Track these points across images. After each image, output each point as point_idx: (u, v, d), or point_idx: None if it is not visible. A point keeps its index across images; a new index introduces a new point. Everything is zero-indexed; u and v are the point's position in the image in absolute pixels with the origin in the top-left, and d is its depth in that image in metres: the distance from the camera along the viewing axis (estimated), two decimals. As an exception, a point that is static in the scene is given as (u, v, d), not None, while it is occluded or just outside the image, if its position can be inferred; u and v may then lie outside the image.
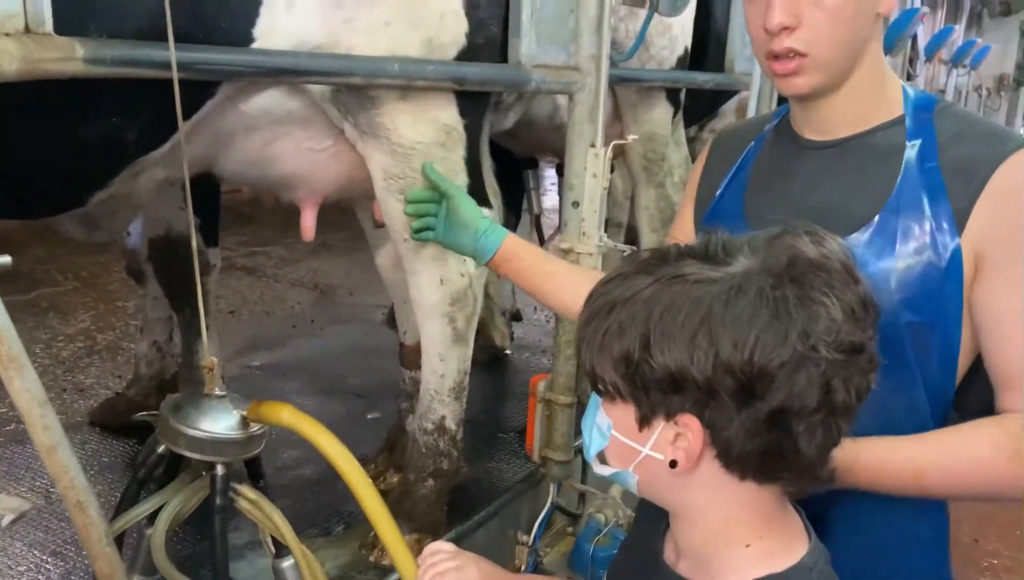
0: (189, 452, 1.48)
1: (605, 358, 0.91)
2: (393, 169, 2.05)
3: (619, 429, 0.95)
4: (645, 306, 0.88)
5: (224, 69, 1.62)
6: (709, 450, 0.90)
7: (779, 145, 1.30)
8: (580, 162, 2.22)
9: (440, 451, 2.33)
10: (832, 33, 1.15)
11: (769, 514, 0.95)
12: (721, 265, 0.89)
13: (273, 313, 4.52)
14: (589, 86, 2.17)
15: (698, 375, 0.85)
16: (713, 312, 0.85)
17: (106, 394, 3.26)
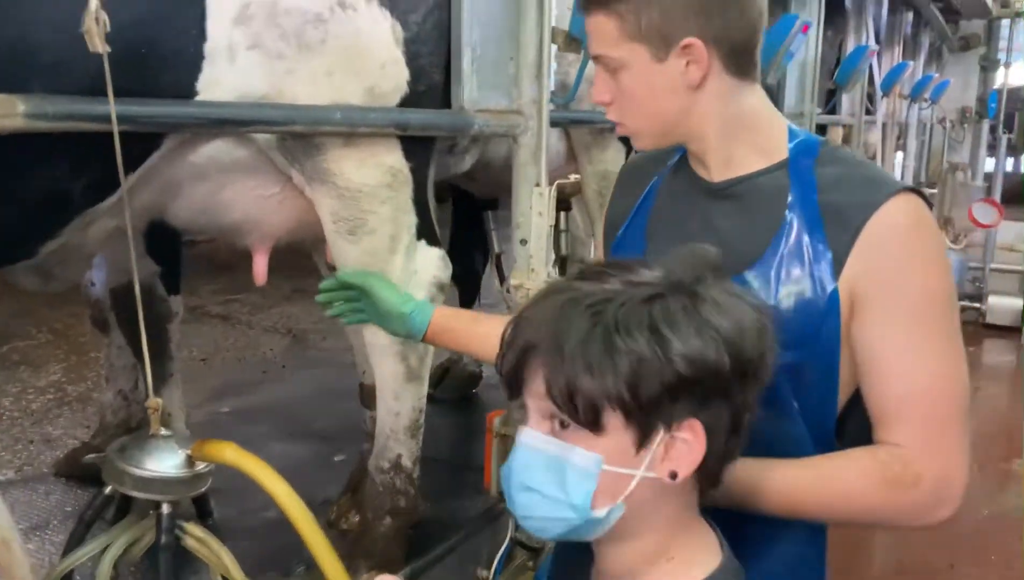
0: (134, 491, 1.52)
1: (602, 377, 0.86)
2: (342, 212, 2.11)
3: (612, 461, 0.90)
4: (633, 308, 0.88)
5: (166, 121, 1.69)
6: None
7: (679, 180, 1.35)
8: (526, 201, 2.29)
9: (397, 489, 2.36)
10: (633, 109, 1.23)
11: (688, 525, 0.97)
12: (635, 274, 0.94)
13: (244, 359, 4.56)
14: (531, 128, 2.25)
15: (714, 361, 0.87)
16: (697, 308, 0.90)
17: (74, 444, 3.28)
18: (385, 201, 2.12)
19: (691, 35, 1.16)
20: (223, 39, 1.81)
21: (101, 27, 1.48)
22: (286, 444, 3.36)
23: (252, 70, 1.85)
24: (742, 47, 1.20)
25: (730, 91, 1.22)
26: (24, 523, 2.67)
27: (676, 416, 0.88)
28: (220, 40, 1.80)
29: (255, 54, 1.85)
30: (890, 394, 1.14)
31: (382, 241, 2.16)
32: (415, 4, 2.07)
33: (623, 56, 1.19)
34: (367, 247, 2.14)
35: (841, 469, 1.15)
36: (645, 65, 1.18)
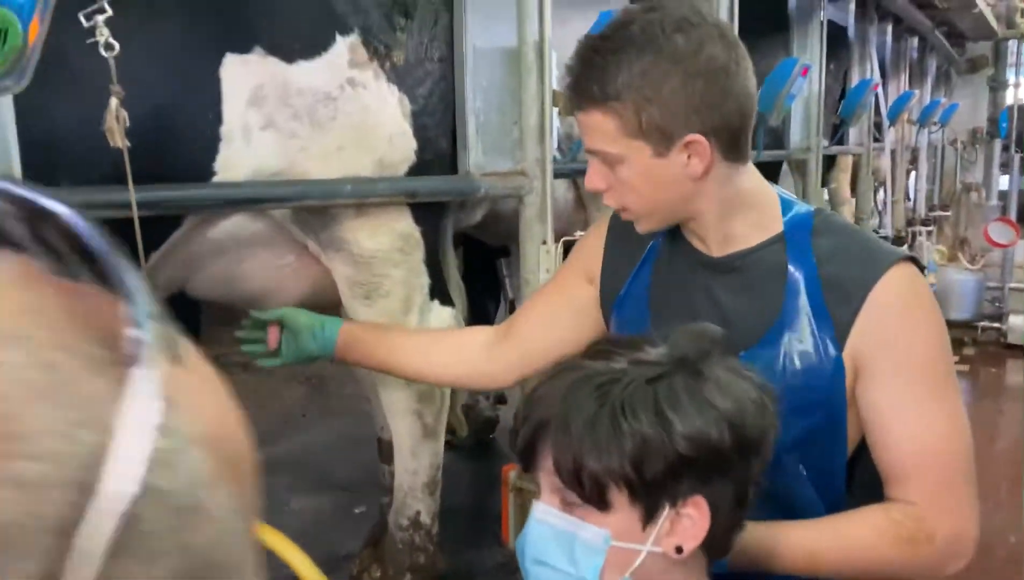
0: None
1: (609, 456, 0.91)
2: (356, 277, 2.17)
3: (619, 536, 0.94)
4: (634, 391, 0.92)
5: (184, 204, 1.76)
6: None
7: (678, 251, 1.40)
8: (533, 258, 2.34)
9: (416, 546, 2.40)
10: (633, 199, 1.27)
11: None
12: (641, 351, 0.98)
13: (265, 407, 4.62)
14: (536, 189, 2.31)
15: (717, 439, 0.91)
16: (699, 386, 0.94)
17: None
18: (398, 265, 2.18)
19: (692, 131, 1.19)
20: (238, 120, 1.88)
21: (121, 124, 1.56)
22: (307, 497, 3.41)
23: (266, 149, 1.92)
24: (739, 133, 1.25)
25: (728, 175, 1.27)
26: None
27: (681, 493, 0.92)
28: (235, 122, 1.88)
29: (269, 134, 1.92)
30: (899, 454, 1.19)
31: (396, 303, 2.22)
32: (422, 78, 2.14)
33: (622, 152, 1.22)
34: (382, 309, 2.20)
35: (857, 527, 1.19)
36: (646, 160, 1.22)
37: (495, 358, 1.70)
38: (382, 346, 1.81)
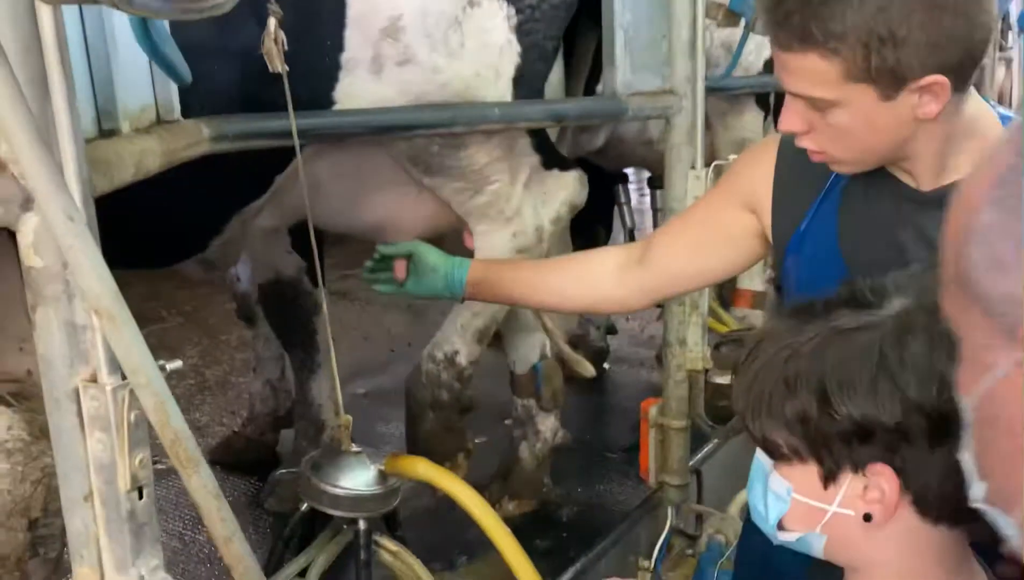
0: (333, 510, 1.53)
1: (776, 420, 0.89)
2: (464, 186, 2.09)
3: (800, 490, 0.91)
4: (811, 361, 0.87)
5: (336, 131, 1.67)
6: (904, 496, 0.87)
7: (875, 184, 1.26)
8: (680, 185, 2.20)
9: (442, 381, 2.35)
10: (844, 144, 1.15)
11: (955, 566, 0.91)
12: (875, 308, 0.89)
13: (371, 337, 4.61)
14: (686, 108, 2.15)
15: (888, 420, 0.84)
16: (887, 356, 0.84)
17: (222, 431, 3.38)
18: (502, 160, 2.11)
19: (931, 71, 1.06)
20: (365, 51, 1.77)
21: (280, 47, 1.47)
22: (426, 427, 3.38)
23: (397, 80, 1.80)
24: (976, 64, 1.11)
25: (955, 108, 1.13)
26: (190, 512, 2.77)
27: (863, 459, 0.87)
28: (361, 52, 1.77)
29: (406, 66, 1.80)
30: None
31: (502, 186, 2.14)
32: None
33: (840, 97, 1.10)
34: (489, 196, 2.13)
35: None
36: (869, 104, 1.10)
37: (627, 283, 1.60)
38: (507, 283, 1.72)
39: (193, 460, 0.97)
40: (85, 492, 1.00)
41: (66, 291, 0.95)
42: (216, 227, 1.98)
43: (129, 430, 0.98)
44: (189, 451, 0.97)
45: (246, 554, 1.02)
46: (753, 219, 1.43)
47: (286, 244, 2.68)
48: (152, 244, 1.85)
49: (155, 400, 0.94)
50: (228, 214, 1.96)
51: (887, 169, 1.24)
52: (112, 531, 1.00)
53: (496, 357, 4.13)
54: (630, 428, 3.25)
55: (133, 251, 1.76)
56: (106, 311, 0.90)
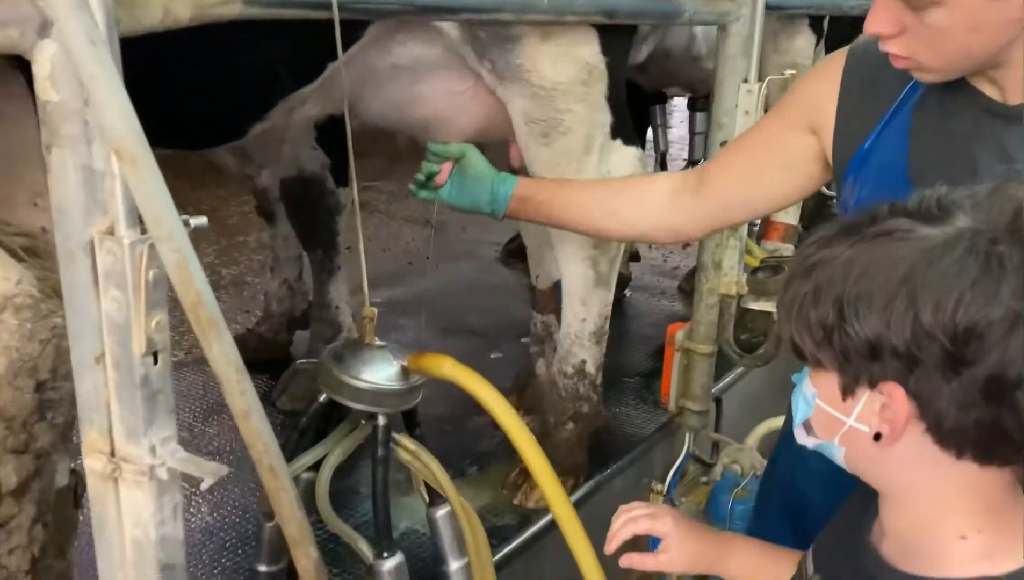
0: (352, 402, 1.47)
1: (803, 326, 0.86)
2: (535, 112, 1.97)
3: (823, 398, 0.89)
4: (843, 268, 0.82)
5: (377, 8, 1.56)
6: (918, 423, 0.82)
7: (953, 98, 1.15)
8: (731, 98, 2.09)
9: (580, 395, 2.30)
10: (940, 48, 1.06)
11: (993, 504, 0.85)
12: (936, 222, 0.80)
13: (389, 249, 4.54)
14: (745, 16, 2.03)
15: (896, 341, 0.78)
16: (915, 271, 0.77)
17: (235, 329, 3.33)
18: (580, 99, 1.97)
19: None
20: None
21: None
22: (442, 339, 3.33)
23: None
24: None
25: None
26: (202, 405, 2.75)
27: (877, 377, 0.82)
28: None
29: None
30: None
31: (576, 142, 2.02)
32: None
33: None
34: (561, 148, 2.00)
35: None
36: (978, 4, 1.01)
37: (682, 209, 1.55)
38: (557, 202, 1.68)
39: (215, 325, 0.90)
40: (97, 353, 0.93)
41: (85, 132, 0.86)
42: (259, 112, 1.87)
43: (147, 289, 0.91)
44: (211, 315, 0.90)
45: (265, 431, 0.96)
46: (814, 141, 1.34)
47: (311, 139, 2.58)
48: (187, 121, 1.73)
49: (177, 257, 0.87)
50: (274, 98, 1.85)
51: (968, 80, 1.14)
52: (123, 396, 0.93)
53: (513, 274, 4.08)
54: (648, 355, 3.20)
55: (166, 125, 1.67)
56: (128, 153, 0.81)
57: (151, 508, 0.96)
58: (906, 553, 0.90)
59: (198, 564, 2.02)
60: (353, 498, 2.18)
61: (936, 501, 0.86)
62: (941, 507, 0.86)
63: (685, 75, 2.95)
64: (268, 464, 0.97)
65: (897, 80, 1.22)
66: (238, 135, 1.89)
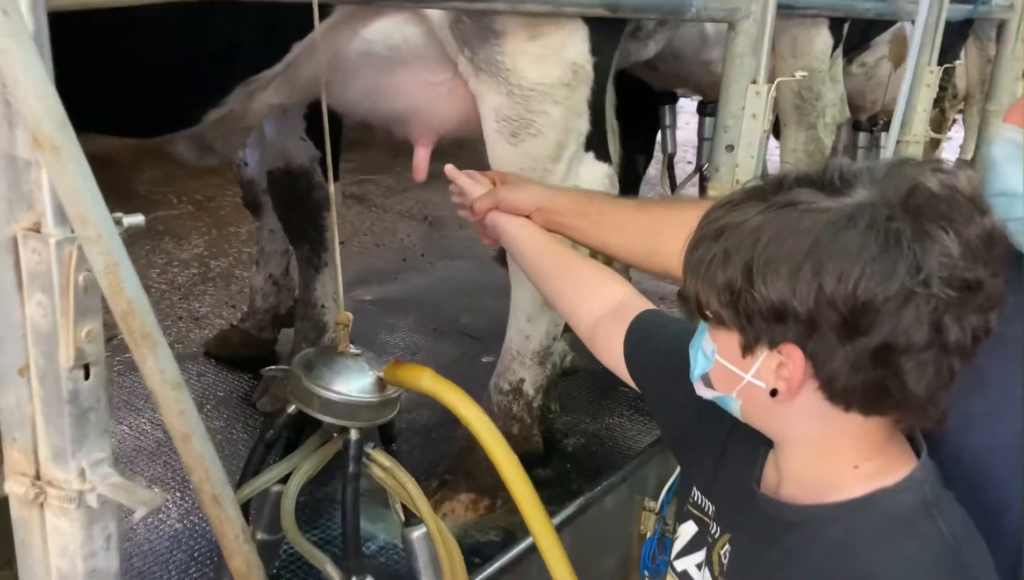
0: (323, 415, 1.37)
1: (709, 286, 0.90)
2: (506, 111, 1.86)
3: (723, 354, 0.94)
4: (752, 234, 0.87)
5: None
6: (812, 381, 0.89)
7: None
8: (738, 101, 1.98)
9: (512, 414, 2.20)
10: None
11: (877, 443, 0.93)
12: (837, 194, 0.86)
13: (383, 245, 4.44)
14: (755, 14, 1.92)
15: (800, 308, 0.84)
16: (820, 242, 0.83)
17: (220, 324, 3.24)
18: (559, 102, 1.86)
19: None
20: None
21: None
22: (433, 340, 3.24)
23: None
24: None
25: None
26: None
27: (778, 338, 0.88)
28: None
29: None
30: None
31: (545, 147, 1.91)
32: None
33: None
34: (528, 151, 1.89)
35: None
36: None
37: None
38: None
39: (149, 338, 0.79)
40: (20, 364, 0.83)
41: (7, 114, 0.76)
42: (215, 96, 1.73)
43: (76, 294, 0.80)
44: (145, 327, 0.79)
45: (208, 454, 0.85)
46: None
47: (300, 129, 2.48)
48: (134, 106, 1.61)
49: (106, 260, 0.76)
50: (231, 82, 1.72)
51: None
52: (50, 413, 0.83)
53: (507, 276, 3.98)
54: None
55: (112, 112, 1.55)
56: (47, 140, 0.71)
57: (79, 538, 0.85)
58: (806, 489, 0.96)
59: (165, 576, 1.92)
60: (330, 508, 2.08)
61: (828, 446, 0.94)
62: (833, 449, 0.94)
63: (695, 77, 2.84)
64: (211, 493, 0.86)
65: None
66: (192, 122, 1.76)
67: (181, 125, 1.82)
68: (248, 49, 1.66)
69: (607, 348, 1.33)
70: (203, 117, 1.77)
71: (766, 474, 1.03)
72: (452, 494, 2.14)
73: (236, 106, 1.79)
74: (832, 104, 3.00)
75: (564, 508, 2.09)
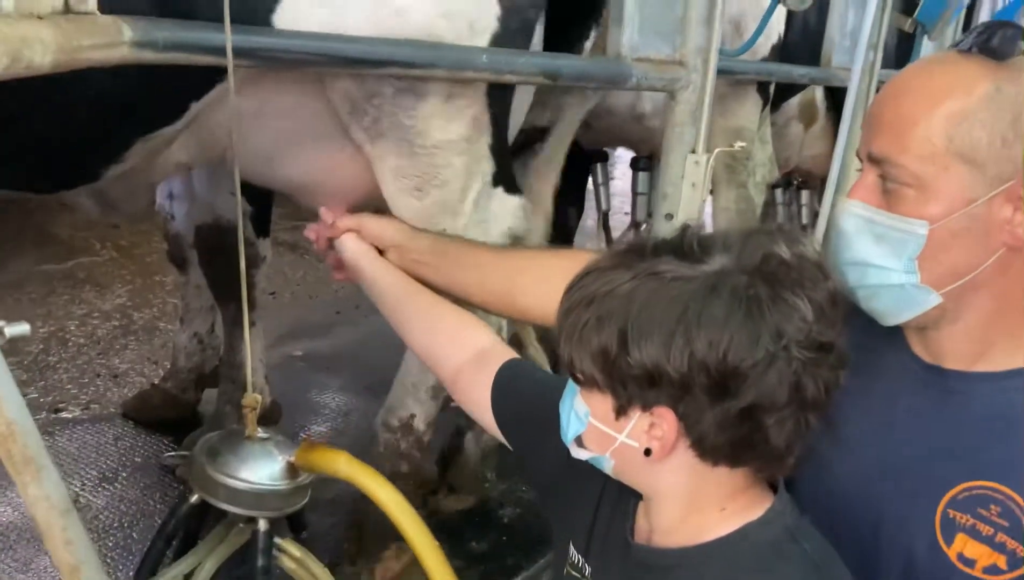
0: (228, 506, 1.28)
1: (583, 351, 0.94)
2: (409, 169, 1.79)
3: (596, 416, 0.98)
4: (623, 302, 0.91)
5: (290, 57, 1.39)
6: (683, 440, 0.94)
7: None
8: (677, 169, 1.96)
9: (401, 452, 2.13)
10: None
11: (741, 487, 0.99)
12: (696, 262, 0.92)
13: (316, 297, 4.32)
14: (694, 83, 1.91)
15: (673, 373, 0.89)
16: (689, 311, 0.88)
17: (141, 382, 3.09)
18: (461, 153, 1.81)
19: None
20: None
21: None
22: (365, 400, 3.12)
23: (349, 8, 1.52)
24: None
25: None
26: (93, 471, 2.49)
27: (651, 401, 0.92)
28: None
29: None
30: None
31: (453, 193, 1.85)
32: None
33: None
34: (435, 200, 1.83)
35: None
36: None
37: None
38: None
39: (32, 463, 0.70)
40: None
41: None
42: (114, 152, 1.63)
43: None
44: (28, 451, 0.70)
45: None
46: None
47: (230, 184, 2.37)
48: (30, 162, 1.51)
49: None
50: (130, 138, 1.61)
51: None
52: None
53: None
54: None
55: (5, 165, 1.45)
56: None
57: None
58: (675, 538, 1.01)
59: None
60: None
61: (698, 496, 0.99)
62: (703, 499, 0.99)
63: (628, 133, 2.84)
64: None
65: None
66: (91, 178, 1.67)
67: (80, 181, 1.72)
68: (144, 106, 1.56)
69: (469, 396, 1.36)
70: (103, 173, 1.67)
71: (638, 526, 1.08)
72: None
73: (137, 163, 1.69)
74: (762, 164, 3.04)
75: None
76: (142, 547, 2.17)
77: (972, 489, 1.01)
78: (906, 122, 1.02)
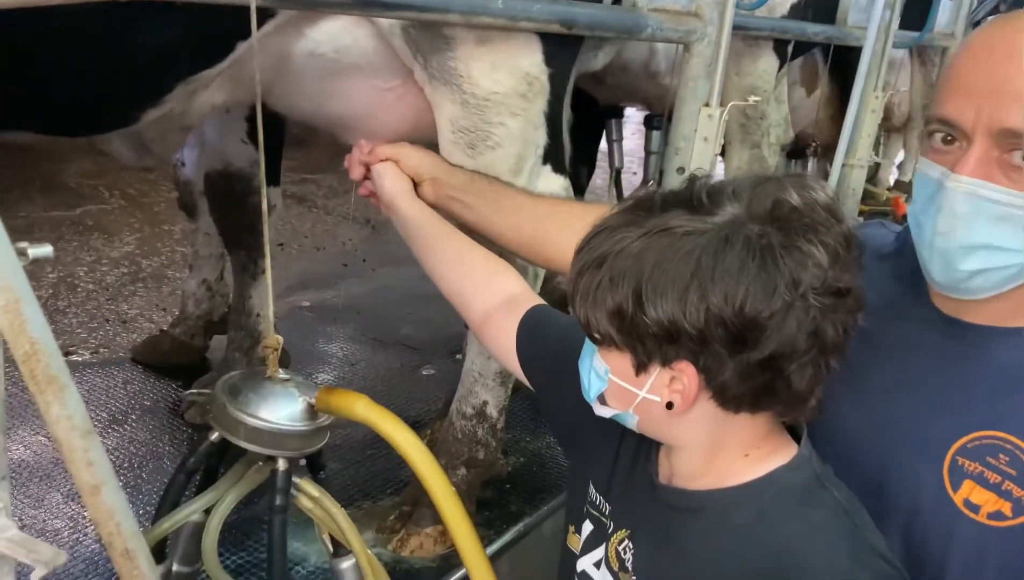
0: (249, 444, 1.29)
1: (599, 310, 0.94)
2: (463, 121, 1.81)
3: (616, 374, 0.98)
4: (635, 260, 0.91)
5: None
6: (704, 392, 0.94)
7: None
8: (690, 123, 1.96)
9: (477, 439, 2.15)
10: None
11: (763, 433, 1.00)
12: (707, 214, 0.91)
13: (323, 249, 4.34)
14: (710, 36, 1.90)
15: (691, 328, 0.89)
16: (703, 265, 0.88)
17: (150, 328, 3.12)
18: (516, 113, 1.81)
19: None
20: None
21: None
22: (372, 351, 3.16)
23: None
24: None
25: None
26: (103, 414, 2.52)
27: (670, 356, 0.93)
28: None
29: None
30: None
31: (505, 160, 1.85)
32: None
33: None
34: (486, 164, 1.83)
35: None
36: None
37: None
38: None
39: (55, 382, 0.72)
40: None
41: None
42: (154, 95, 1.64)
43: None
44: (51, 370, 0.72)
45: (119, 508, 0.78)
46: None
47: (242, 131, 2.38)
48: (65, 103, 1.51)
49: (6, 297, 0.69)
50: (172, 81, 1.63)
51: None
52: (-62, 459, 0.75)
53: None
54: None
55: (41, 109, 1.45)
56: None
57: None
58: (698, 482, 1.02)
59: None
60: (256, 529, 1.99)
61: (721, 444, 1.00)
62: (725, 446, 1.00)
63: (642, 91, 2.82)
64: (122, 548, 0.79)
65: None
66: (129, 121, 1.67)
67: (117, 124, 1.72)
68: (189, 47, 1.58)
69: (497, 339, 1.37)
70: (141, 116, 1.68)
71: (660, 467, 1.08)
72: (418, 529, 2.06)
73: (176, 105, 1.70)
74: (776, 124, 3.02)
75: (503, 534, 2.04)
76: (151, 487, 2.24)
77: (983, 438, 1.02)
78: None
